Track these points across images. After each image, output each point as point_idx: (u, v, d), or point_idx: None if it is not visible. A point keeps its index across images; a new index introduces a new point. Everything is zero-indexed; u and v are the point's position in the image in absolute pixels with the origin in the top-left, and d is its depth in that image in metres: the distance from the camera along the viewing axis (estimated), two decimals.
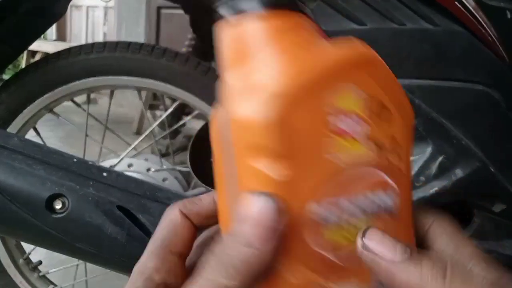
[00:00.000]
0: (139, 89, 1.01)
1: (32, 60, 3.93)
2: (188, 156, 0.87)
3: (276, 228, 0.22)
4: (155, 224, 0.32)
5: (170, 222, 0.28)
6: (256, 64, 0.22)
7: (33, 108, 0.96)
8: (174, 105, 1.05)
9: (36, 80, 0.94)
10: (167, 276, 0.26)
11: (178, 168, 1.05)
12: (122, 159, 0.98)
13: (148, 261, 0.26)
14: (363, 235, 0.22)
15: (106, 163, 0.97)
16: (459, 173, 0.67)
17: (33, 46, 3.82)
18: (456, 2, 0.67)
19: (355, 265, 0.22)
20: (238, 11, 0.23)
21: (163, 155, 1.15)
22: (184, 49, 1.26)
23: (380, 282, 0.22)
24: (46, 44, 4.13)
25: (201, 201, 0.30)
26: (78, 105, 1.05)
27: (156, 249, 0.26)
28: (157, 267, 0.26)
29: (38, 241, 0.70)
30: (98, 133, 1.06)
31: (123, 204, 0.65)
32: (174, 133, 1.42)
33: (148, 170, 0.98)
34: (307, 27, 0.24)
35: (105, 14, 4.84)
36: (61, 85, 0.95)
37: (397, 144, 0.23)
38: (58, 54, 0.95)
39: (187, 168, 0.90)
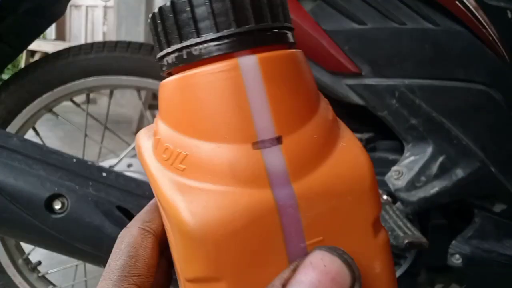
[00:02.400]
0: (138, 89, 1.01)
1: (31, 60, 3.93)
2: None
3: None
4: None
5: (128, 246, 0.22)
6: None
7: (32, 108, 0.95)
8: None
9: (35, 80, 0.94)
10: None
11: None
12: (121, 159, 0.97)
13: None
14: None
15: (106, 163, 0.97)
16: (459, 173, 0.67)
17: (33, 46, 3.82)
18: (457, 2, 0.67)
19: None
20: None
21: None
22: None
23: None
24: (45, 43, 4.13)
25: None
26: (77, 105, 1.05)
27: (116, 283, 0.21)
28: None
29: (38, 242, 0.69)
30: (98, 133, 1.06)
31: (123, 204, 0.65)
32: None
33: None
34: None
35: (105, 14, 4.84)
36: (60, 85, 0.94)
37: None
38: (58, 53, 0.95)
39: None
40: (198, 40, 0.16)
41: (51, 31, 5.38)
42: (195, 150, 0.16)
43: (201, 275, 0.16)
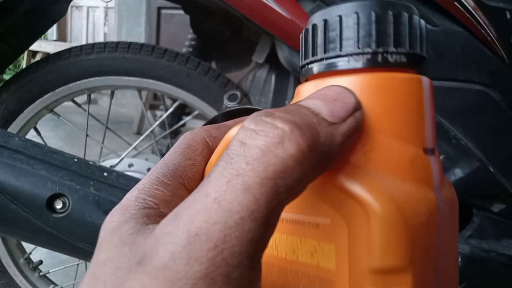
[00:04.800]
0: (139, 89, 1.01)
1: (32, 60, 3.94)
2: None
3: (358, 108, 0.18)
4: None
5: (188, 148, 0.21)
6: None
7: (33, 108, 0.96)
8: (174, 105, 1.05)
9: (36, 80, 0.94)
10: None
11: None
12: (122, 159, 0.98)
13: (152, 186, 0.19)
14: None
15: (107, 163, 0.97)
16: (458, 173, 0.67)
17: (34, 46, 3.83)
18: (456, 3, 0.67)
19: None
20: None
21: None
22: (184, 50, 1.26)
23: None
24: (46, 44, 4.13)
25: (228, 127, 0.23)
26: (78, 105, 1.05)
27: (166, 176, 0.20)
28: (165, 198, 0.19)
29: (39, 241, 0.70)
30: (99, 133, 1.06)
31: None
32: (174, 133, 1.42)
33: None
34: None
35: (106, 15, 4.84)
36: (61, 85, 0.95)
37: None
38: (59, 54, 0.95)
39: None
40: (394, 49, 0.18)
41: (52, 32, 5.39)
42: (381, 145, 0.18)
43: (397, 265, 0.16)
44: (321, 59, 0.19)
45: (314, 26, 0.20)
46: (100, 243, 0.17)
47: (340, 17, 0.19)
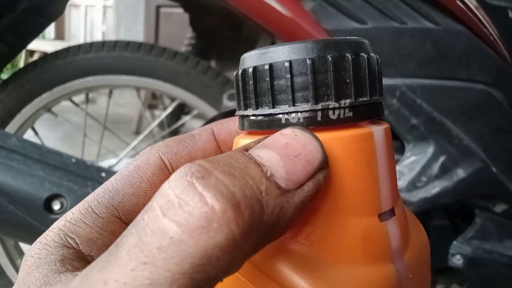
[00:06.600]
0: (138, 89, 1.00)
1: (30, 59, 3.93)
2: None
3: (322, 167, 0.14)
4: None
5: (135, 172, 0.18)
6: None
7: (31, 108, 0.95)
8: (173, 104, 1.04)
9: (34, 79, 0.94)
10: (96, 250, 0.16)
11: None
12: (121, 159, 0.97)
13: (79, 219, 0.17)
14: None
15: (105, 163, 0.97)
16: (461, 173, 0.67)
17: (32, 45, 3.82)
18: (458, 1, 0.66)
19: None
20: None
21: None
22: (183, 48, 1.26)
23: None
24: (44, 43, 4.13)
25: (194, 138, 0.20)
26: (76, 104, 1.05)
27: (99, 206, 0.17)
28: (90, 236, 0.16)
29: None
30: (97, 133, 1.05)
31: None
32: (174, 133, 1.42)
33: None
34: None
35: (104, 13, 4.84)
36: (59, 84, 0.95)
37: None
38: (57, 53, 0.95)
39: None
40: (335, 104, 0.15)
41: (50, 30, 5.38)
42: (325, 223, 0.15)
43: None
44: (253, 115, 0.16)
45: (245, 72, 0.16)
46: (18, 280, 0.16)
47: (271, 66, 0.15)
